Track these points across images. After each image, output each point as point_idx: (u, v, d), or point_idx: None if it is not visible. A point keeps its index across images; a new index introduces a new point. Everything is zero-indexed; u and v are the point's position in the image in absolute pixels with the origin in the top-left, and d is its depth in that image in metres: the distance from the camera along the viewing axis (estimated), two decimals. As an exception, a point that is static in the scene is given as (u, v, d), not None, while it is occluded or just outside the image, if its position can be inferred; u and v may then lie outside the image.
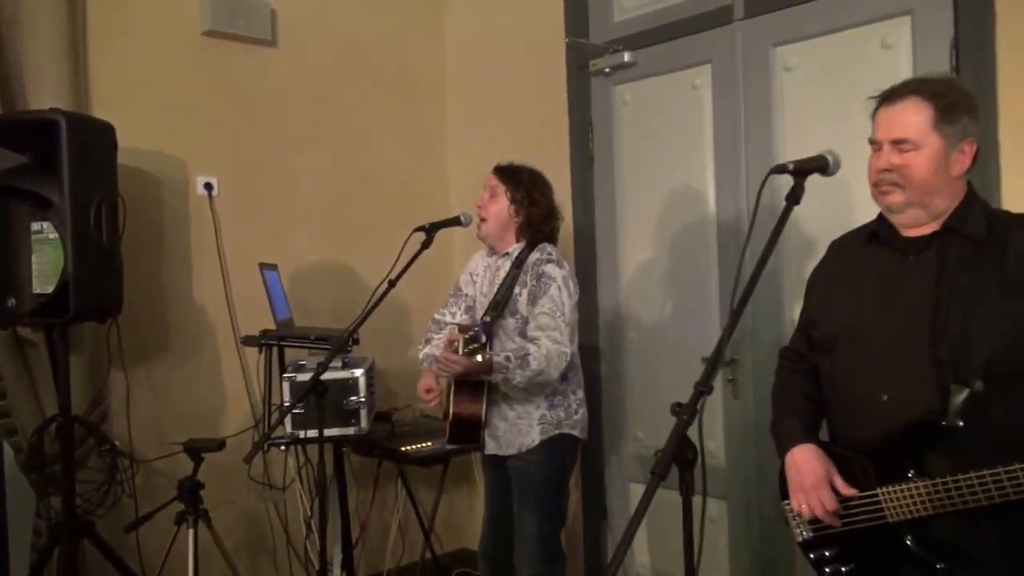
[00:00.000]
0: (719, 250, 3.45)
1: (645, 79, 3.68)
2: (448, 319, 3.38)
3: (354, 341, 3.07)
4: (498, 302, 3.11)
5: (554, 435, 3.10)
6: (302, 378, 3.24)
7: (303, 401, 2.88)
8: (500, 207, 3.17)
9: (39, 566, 3.15)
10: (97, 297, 3.04)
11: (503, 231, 3.20)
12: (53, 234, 2.94)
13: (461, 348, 2.71)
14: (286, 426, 3.24)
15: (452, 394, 3.06)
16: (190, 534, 3.11)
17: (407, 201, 4.38)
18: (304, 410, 3.11)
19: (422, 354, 3.33)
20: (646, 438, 3.77)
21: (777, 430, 2.29)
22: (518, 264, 3.14)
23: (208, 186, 3.76)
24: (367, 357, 3.58)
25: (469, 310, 3.36)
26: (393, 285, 2.87)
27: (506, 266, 3.19)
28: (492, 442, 3.17)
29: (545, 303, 3.00)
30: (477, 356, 2.70)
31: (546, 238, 3.20)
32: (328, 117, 4.17)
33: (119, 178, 3.19)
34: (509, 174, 3.20)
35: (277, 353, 3.52)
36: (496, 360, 2.84)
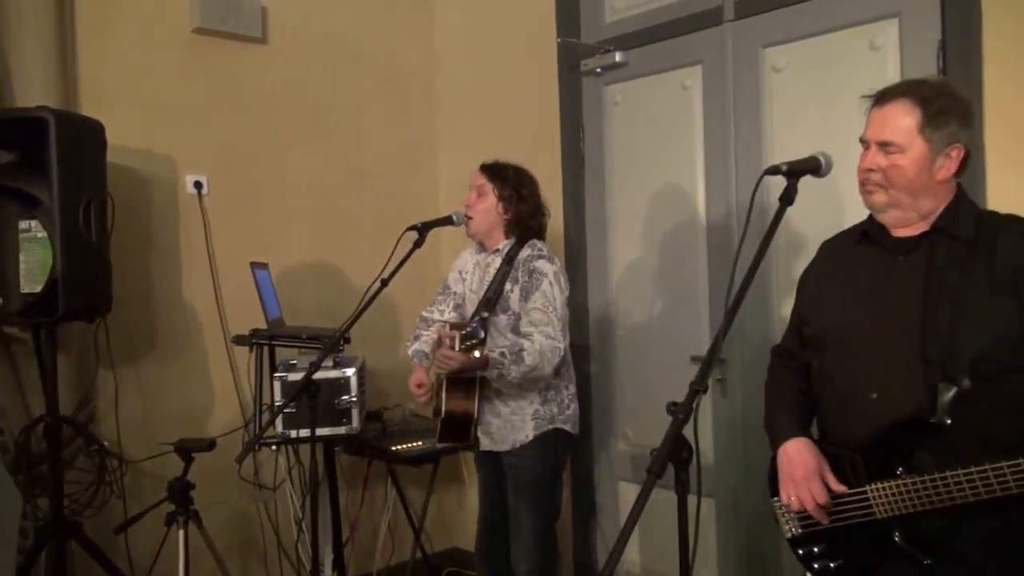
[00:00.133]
0: (708, 250, 3.46)
1: (636, 79, 3.69)
2: (436, 317, 3.39)
3: (345, 340, 3.08)
4: (489, 298, 3.13)
5: (548, 430, 3.12)
6: (293, 377, 3.24)
7: (295, 400, 2.87)
8: (488, 205, 3.18)
9: (26, 568, 3.13)
10: (86, 296, 3.03)
11: (492, 228, 3.21)
12: (41, 233, 2.93)
13: (457, 345, 2.71)
14: (277, 426, 3.23)
15: (444, 392, 3.06)
16: (180, 535, 3.09)
17: (397, 200, 4.38)
18: (295, 410, 3.11)
19: (411, 351, 3.34)
20: (635, 436, 3.78)
21: (770, 424, 2.30)
22: (508, 261, 3.15)
23: (198, 185, 3.75)
24: (358, 356, 3.58)
25: (458, 308, 3.37)
26: (386, 284, 2.86)
27: (496, 263, 3.20)
28: (485, 439, 3.18)
29: (537, 299, 3.01)
30: (475, 352, 2.70)
31: (534, 234, 3.22)
32: (318, 115, 4.16)
33: (108, 176, 3.18)
34: (495, 172, 3.22)
35: (268, 353, 3.51)
36: (492, 356, 2.85)
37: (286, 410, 3.06)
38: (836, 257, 2.29)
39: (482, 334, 2.63)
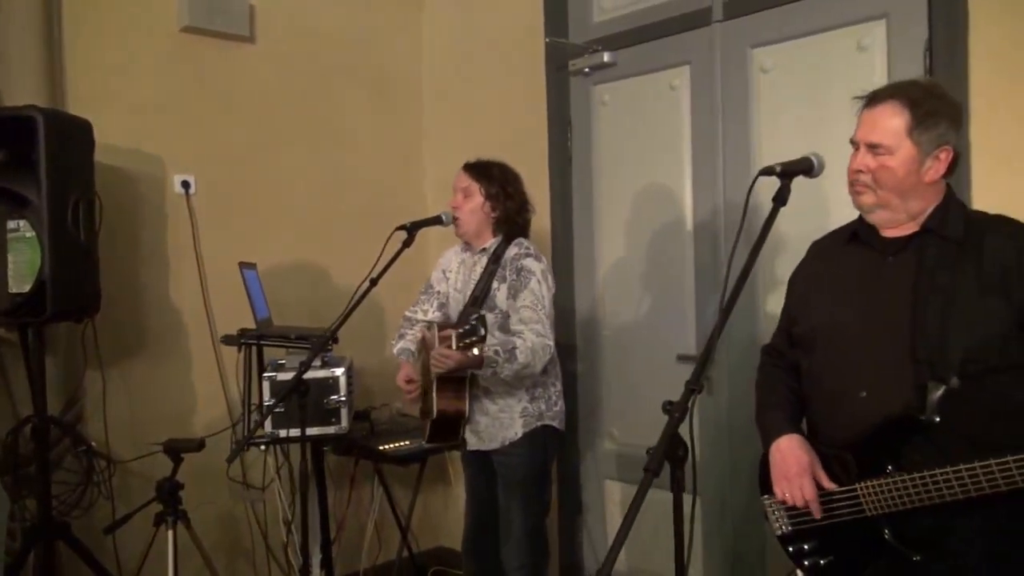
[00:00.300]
0: (695, 249, 3.47)
1: (624, 79, 3.70)
2: (420, 316, 3.39)
3: (333, 340, 3.07)
4: (477, 297, 3.14)
5: (536, 427, 3.14)
6: (282, 377, 3.23)
7: (285, 400, 2.87)
8: (475, 204, 3.19)
9: (14, 569, 3.10)
10: (74, 297, 3.02)
11: (480, 228, 3.22)
12: (30, 232, 2.92)
13: (455, 343, 2.70)
14: (266, 426, 3.23)
15: (435, 391, 3.06)
16: (169, 535, 3.08)
17: (384, 200, 4.37)
18: (284, 409, 3.10)
19: (396, 349, 3.35)
20: (622, 435, 3.80)
21: (762, 421, 2.32)
22: (495, 259, 3.16)
23: (185, 184, 3.73)
24: (346, 356, 3.57)
25: (441, 307, 3.37)
26: (375, 284, 2.87)
27: (482, 262, 3.21)
28: (474, 437, 3.19)
29: (526, 297, 3.02)
30: (474, 349, 2.70)
31: (521, 231, 3.23)
32: (305, 115, 4.15)
33: (95, 176, 3.17)
34: (481, 171, 3.22)
35: (256, 353, 3.50)
36: (487, 354, 2.85)
37: (275, 410, 3.06)
38: (826, 257, 2.31)
39: (483, 331, 2.61)
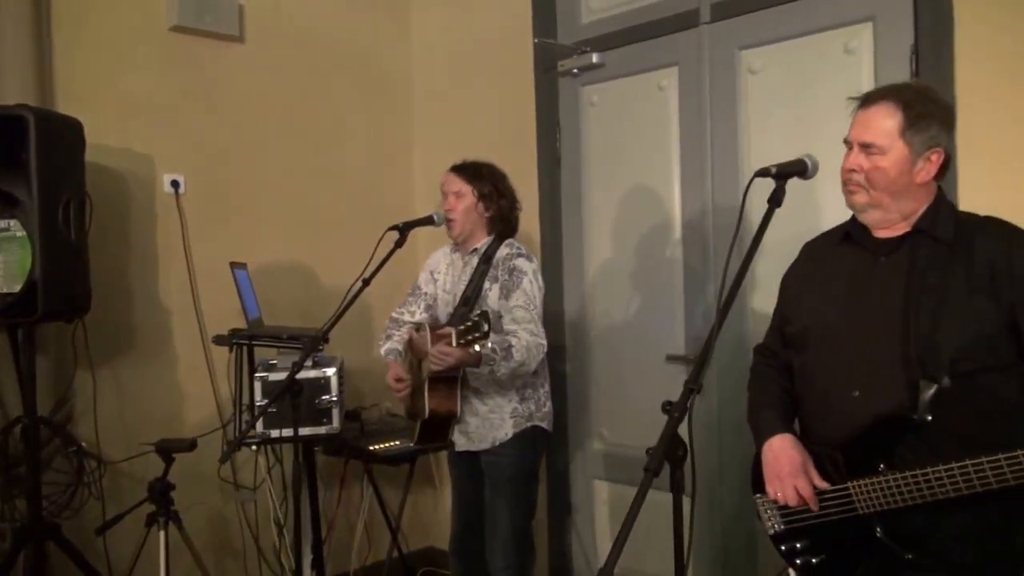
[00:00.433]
0: (684, 250, 3.49)
1: (612, 80, 3.71)
2: (407, 317, 3.39)
3: (324, 340, 3.08)
4: (468, 297, 3.15)
5: (526, 428, 3.15)
6: (274, 378, 3.23)
7: (277, 400, 2.87)
8: (468, 205, 3.19)
9: (4, 570, 3.09)
10: (65, 297, 3.01)
11: (474, 228, 3.23)
12: (20, 232, 2.91)
13: (455, 340, 2.70)
14: (257, 426, 3.22)
15: (427, 391, 3.06)
16: (161, 536, 3.07)
17: (373, 200, 4.37)
18: (276, 410, 3.10)
19: (384, 349, 3.35)
20: (611, 435, 3.81)
21: (754, 421, 2.33)
22: (486, 259, 3.17)
23: (175, 183, 3.72)
24: (336, 356, 3.57)
25: (429, 308, 3.38)
26: (368, 284, 2.88)
27: (473, 262, 3.22)
28: (463, 438, 3.19)
29: (519, 296, 3.04)
30: (475, 346, 2.69)
31: (512, 229, 3.25)
32: (295, 114, 4.15)
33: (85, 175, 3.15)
34: (472, 172, 3.23)
35: (247, 353, 3.50)
36: (484, 352, 2.85)
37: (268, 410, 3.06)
38: (818, 257, 2.33)
39: (486, 327, 2.59)
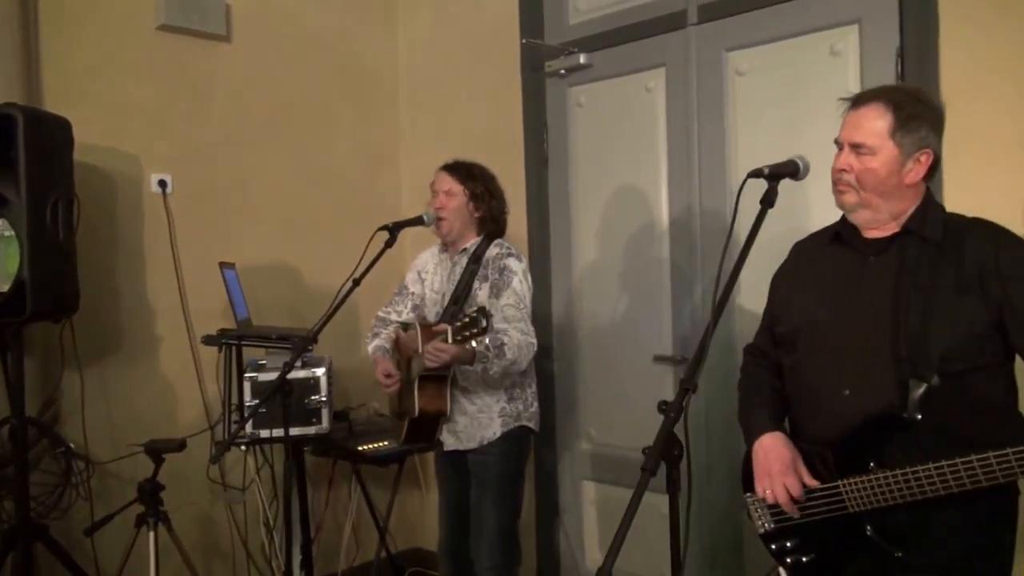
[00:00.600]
0: (671, 250, 3.51)
1: (600, 81, 3.72)
2: (394, 317, 3.39)
3: (313, 340, 3.07)
4: (458, 296, 3.16)
5: (514, 427, 3.16)
6: (263, 378, 3.23)
7: (268, 400, 2.87)
8: (459, 204, 3.19)
9: (-8, 571, 3.09)
10: (54, 296, 3.00)
11: (464, 228, 3.23)
12: (8, 232, 2.89)
13: (451, 336, 2.70)
14: (246, 426, 3.22)
15: (417, 390, 3.05)
16: (151, 536, 3.07)
17: (359, 200, 4.37)
18: (266, 410, 3.10)
19: (371, 347, 3.35)
20: (599, 436, 3.82)
21: (745, 420, 2.35)
22: (476, 259, 3.18)
23: (162, 183, 3.71)
24: (325, 356, 3.57)
25: (416, 308, 3.38)
26: (358, 284, 2.88)
27: (462, 262, 3.23)
28: (451, 437, 3.20)
29: (509, 296, 3.05)
30: (472, 342, 2.69)
31: (501, 230, 3.26)
32: (282, 114, 4.14)
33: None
34: (464, 172, 3.23)
35: (236, 353, 3.49)
36: (478, 349, 2.86)
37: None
38: (808, 257, 2.34)
39: (484, 323, 2.59)
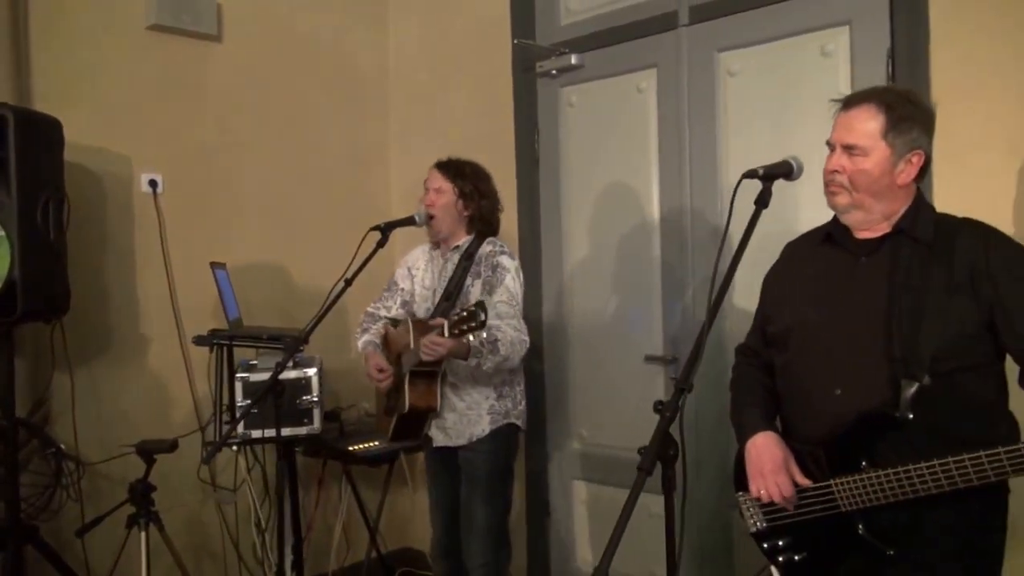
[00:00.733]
0: (662, 251, 3.52)
1: (591, 81, 3.73)
2: (383, 313, 3.40)
3: (305, 341, 3.07)
4: (450, 293, 3.16)
5: (502, 425, 3.17)
6: (255, 378, 3.22)
7: (260, 400, 2.87)
8: (448, 203, 3.20)
9: (-18, 573, 3.08)
10: (44, 297, 2.99)
11: (454, 226, 3.24)
12: (-1, 232, 2.88)
13: (447, 330, 2.69)
14: (238, 427, 3.21)
15: (408, 386, 3.05)
16: (142, 537, 3.06)
17: (350, 199, 4.37)
18: (257, 410, 3.09)
19: (361, 343, 3.35)
20: (589, 435, 3.83)
21: (737, 419, 2.35)
22: (468, 256, 3.19)
23: (152, 183, 3.70)
24: (316, 356, 3.57)
25: (405, 304, 3.38)
26: (350, 284, 2.87)
27: (454, 259, 3.23)
28: (440, 434, 3.20)
29: (502, 293, 3.06)
30: (469, 336, 2.68)
31: (492, 230, 3.27)
32: (272, 114, 4.13)
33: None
34: (455, 170, 3.23)
35: (227, 353, 3.48)
36: (473, 344, 2.86)
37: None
38: (799, 258, 2.35)
39: (483, 316, 2.58)
